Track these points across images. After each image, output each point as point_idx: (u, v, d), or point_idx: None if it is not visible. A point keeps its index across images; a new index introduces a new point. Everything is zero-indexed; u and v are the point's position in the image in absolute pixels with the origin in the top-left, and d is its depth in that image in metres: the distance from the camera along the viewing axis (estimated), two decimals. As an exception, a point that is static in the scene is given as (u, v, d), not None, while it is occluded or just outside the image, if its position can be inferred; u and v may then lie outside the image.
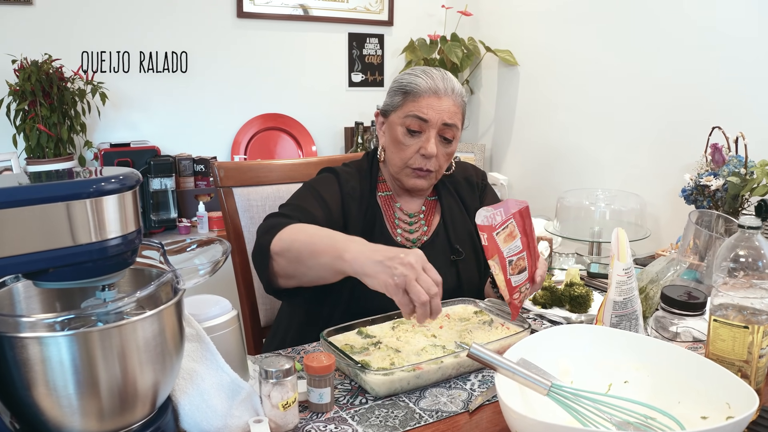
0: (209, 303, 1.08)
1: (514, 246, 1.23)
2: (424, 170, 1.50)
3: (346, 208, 1.50)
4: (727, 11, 2.26)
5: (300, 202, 1.47)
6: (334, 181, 1.53)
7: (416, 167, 1.50)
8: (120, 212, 0.82)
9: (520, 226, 1.23)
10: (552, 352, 1.07)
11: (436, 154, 1.48)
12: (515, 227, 1.22)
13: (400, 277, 1.09)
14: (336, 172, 1.56)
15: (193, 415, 0.94)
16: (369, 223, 1.52)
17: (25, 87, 2.36)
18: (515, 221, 1.22)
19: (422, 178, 1.52)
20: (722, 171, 1.85)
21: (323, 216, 1.45)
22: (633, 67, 2.62)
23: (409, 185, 1.53)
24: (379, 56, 3.39)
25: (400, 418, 1.04)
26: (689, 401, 0.98)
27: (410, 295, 1.09)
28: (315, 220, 1.41)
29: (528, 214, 1.26)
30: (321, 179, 1.55)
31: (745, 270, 1.01)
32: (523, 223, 1.24)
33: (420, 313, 1.10)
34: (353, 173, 1.56)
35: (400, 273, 1.10)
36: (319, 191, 1.50)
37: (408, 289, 1.09)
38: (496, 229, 1.19)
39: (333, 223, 1.45)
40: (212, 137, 3.00)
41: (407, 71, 1.53)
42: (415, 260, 1.11)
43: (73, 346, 0.79)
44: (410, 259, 1.11)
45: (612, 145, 2.76)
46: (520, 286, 1.26)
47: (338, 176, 1.54)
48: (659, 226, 2.55)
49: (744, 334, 1.01)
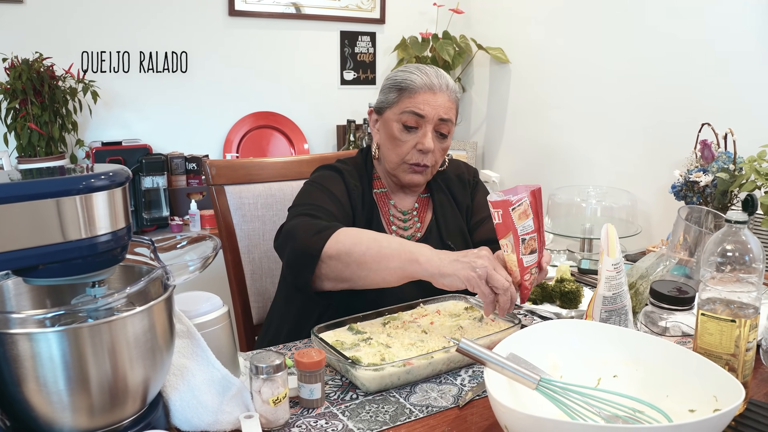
0: (200, 300, 1.08)
1: (528, 225, 1.22)
2: (420, 165, 1.51)
3: (353, 204, 1.51)
4: (715, 9, 2.27)
5: (316, 201, 1.46)
6: (339, 178, 1.53)
7: (413, 162, 1.50)
8: (110, 209, 0.83)
9: (533, 206, 1.23)
10: (541, 347, 1.07)
11: (433, 149, 1.49)
12: (529, 206, 1.22)
13: (482, 268, 1.17)
14: (338, 169, 1.55)
15: (183, 410, 0.95)
16: (368, 220, 1.52)
17: (16, 85, 2.35)
18: (528, 200, 1.22)
19: (419, 173, 1.52)
20: (711, 167, 1.86)
21: (338, 212, 1.45)
22: (623, 65, 2.63)
23: (405, 181, 1.54)
24: (371, 54, 3.40)
25: (390, 413, 1.04)
26: (678, 395, 0.99)
27: (492, 283, 1.17)
28: (335, 218, 1.42)
29: (540, 196, 1.26)
30: (326, 176, 1.54)
31: (732, 264, 1.02)
32: (536, 204, 1.23)
33: (503, 300, 1.18)
34: (351, 170, 1.57)
35: (480, 265, 1.18)
36: (330, 189, 1.50)
37: (489, 278, 1.17)
38: (513, 204, 1.19)
39: (347, 218, 1.46)
40: (204, 135, 3.00)
41: (400, 68, 1.54)
42: (488, 254, 1.21)
43: (63, 342, 0.79)
44: (484, 253, 1.21)
45: (603, 142, 2.77)
46: (530, 268, 1.25)
47: (341, 173, 1.54)
48: (650, 223, 2.56)
49: (731, 328, 1.01)
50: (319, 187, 1.50)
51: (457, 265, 1.19)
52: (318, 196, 1.48)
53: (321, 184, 1.51)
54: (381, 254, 1.27)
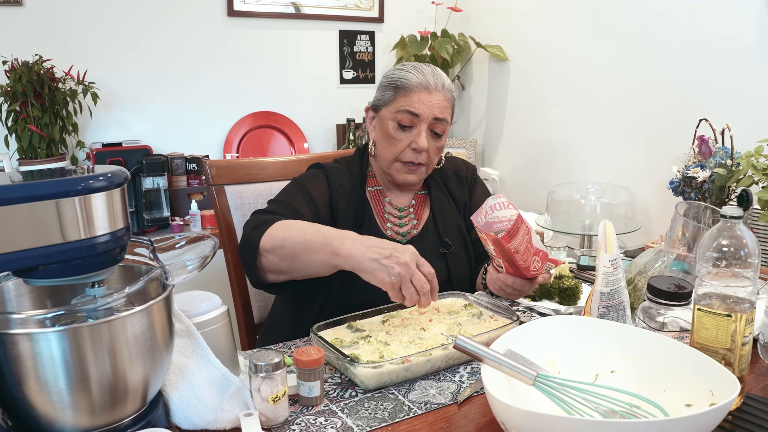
0: (200, 299, 1.09)
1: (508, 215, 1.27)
2: (415, 164, 1.51)
3: (334, 205, 1.52)
4: (713, 5, 2.27)
5: (287, 199, 1.49)
6: (323, 177, 1.54)
7: (407, 161, 1.51)
8: (108, 209, 0.83)
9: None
10: (539, 343, 1.08)
11: (427, 149, 1.49)
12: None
13: (397, 276, 1.17)
14: (324, 168, 1.57)
15: (183, 409, 0.96)
16: (358, 218, 1.53)
17: (16, 88, 2.36)
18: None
19: (413, 172, 1.53)
20: (709, 163, 1.86)
21: (310, 213, 1.47)
22: (622, 62, 2.63)
23: (399, 180, 1.55)
24: (370, 53, 3.40)
25: (389, 410, 1.05)
26: (674, 389, 0.99)
27: (404, 294, 1.18)
28: (302, 217, 1.43)
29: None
30: (309, 175, 1.57)
31: (728, 259, 1.02)
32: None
33: (422, 302, 1.20)
34: (342, 169, 1.57)
35: (396, 273, 1.17)
36: (307, 188, 1.51)
37: (402, 288, 1.18)
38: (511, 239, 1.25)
39: (320, 220, 1.46)
40: (204, 136, 3.01)
41: (397, 67, 1.54)
42: (410, 258, 1.18)
43: (63, 342, 0.80)
44: (406, 258, 1.18)
45: (602, 138, 2.77)
46: (531, 257, 1.30)
47: (327, 172, 1.55)
48: (649, 219, 2.56)
49: (727, 323, 1.02)
50: (296, 187, 1.53)
51: (375, 265, 1.19)
52: (292, 195, 1.51)
53: (301, 183, 1.54)
54: (308, 248, 1.28)
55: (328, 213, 1.51)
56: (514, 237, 1.23)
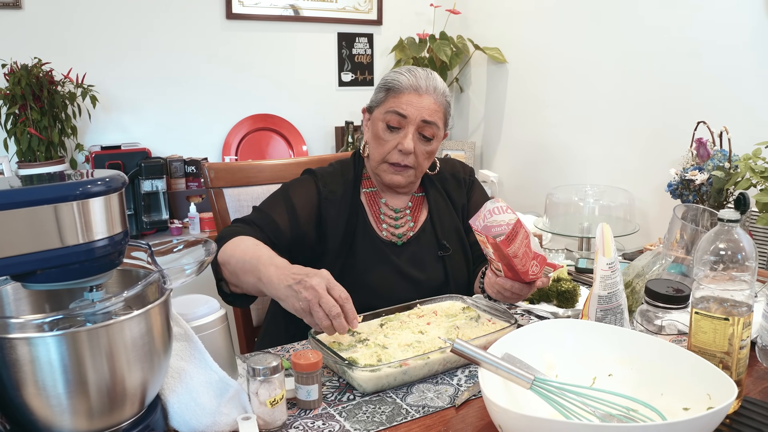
0: (198, 303, 1.09)
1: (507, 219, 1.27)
2: (401, 165, 1.51)
3: (323, 212, 1.52)
4: (710, 8, 2.28)
5: (267, 208, 1.51)
6: (312, 184, 1.55)
7: (393, 162, 1.51)
8: (106, 214, 0.83)
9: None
10: (537, 347, 1.08)
11: (413, 151, 1.49)
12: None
13: (304, 301, 1.15)
14: (315, 174, 1.58)
15: (182, 413, 0.96)
16: (351, 222, 1.53)
17: (15, 91, 2.36)
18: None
19: (399, 173, 1.53)
20: (707, 165, 1.87)
21: (287, 222, 1.48)
22: (620, 64, 2.64)
23: (386, 181, 1.55)
24: (369, 56, 3.40)
25: (387, 413, 1.05)
26: (672, 393, 1.00)
27: (319, 314, 1.14)
28: (276, 227, 1.46)
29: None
30: (297, 182, 1.58)
31: (725, 263, 1.02)
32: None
33: (336, 325, 1.14)
34: (335, 173, 1.58)
35: (303, 298, 1.15)
36: (291, 195, 1.53)
37: (312, 312, 1.15)
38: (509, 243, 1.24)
39: (298, 229, 1.48)
40: (203, 139, 3.01)
41: (394, 70, 1.55)
42: (317, 283, 1.15)
43: (61, 346, 0.80)
44: (313, 282, 1.15)
45: (600, 141, 2.78)
46: (529, 261, 1.30)
47: (317, 178, 1.56)
48: (648, 221, 2.57)
49: (725, 326, 1.02)
50: (281, 194, 1.54)
51: (289, 291, 1.18)
52: (273, 204, 1.52)
53: (286, 191, 1.55)
54: (244, 269, 1.30)
55: (312, 221, 1.52)
56: (513, 241, 1.23)
